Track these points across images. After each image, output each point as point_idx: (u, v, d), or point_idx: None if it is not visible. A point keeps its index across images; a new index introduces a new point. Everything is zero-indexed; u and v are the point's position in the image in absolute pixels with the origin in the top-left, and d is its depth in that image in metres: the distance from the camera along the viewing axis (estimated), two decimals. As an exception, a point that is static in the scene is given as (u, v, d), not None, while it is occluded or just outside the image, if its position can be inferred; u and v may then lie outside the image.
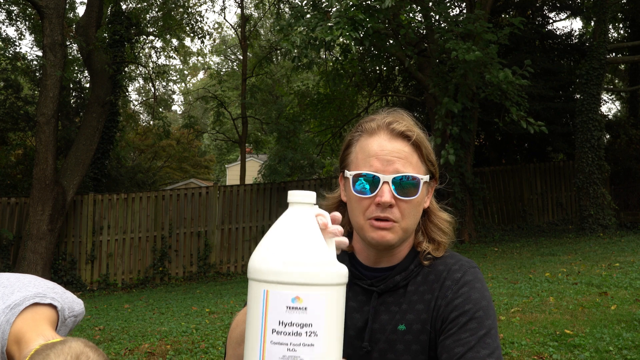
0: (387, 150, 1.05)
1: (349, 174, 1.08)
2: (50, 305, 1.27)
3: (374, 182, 1.04)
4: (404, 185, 1.04)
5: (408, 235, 1.09)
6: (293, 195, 0.87)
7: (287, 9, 14.67)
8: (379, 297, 1.11)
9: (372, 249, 1.11)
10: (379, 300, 1.11)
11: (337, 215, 0.90)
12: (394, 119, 1.09)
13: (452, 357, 0.99)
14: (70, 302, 1.37)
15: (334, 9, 8.37)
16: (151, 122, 19.11)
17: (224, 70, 25.37)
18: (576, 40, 15.42)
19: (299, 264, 0.81)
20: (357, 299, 1.12)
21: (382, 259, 1.12)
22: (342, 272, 0.83)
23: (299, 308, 0.78)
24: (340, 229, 0.88)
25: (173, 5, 15.35)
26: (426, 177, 1.07)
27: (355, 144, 1.12)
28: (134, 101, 24.54)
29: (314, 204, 0.87)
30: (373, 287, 1.11)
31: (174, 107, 35.17)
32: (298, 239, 0.83)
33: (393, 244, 1.06)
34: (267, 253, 0.84)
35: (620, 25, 16.63)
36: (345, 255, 1.17)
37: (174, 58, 29.45)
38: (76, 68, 15.20)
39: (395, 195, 1.03)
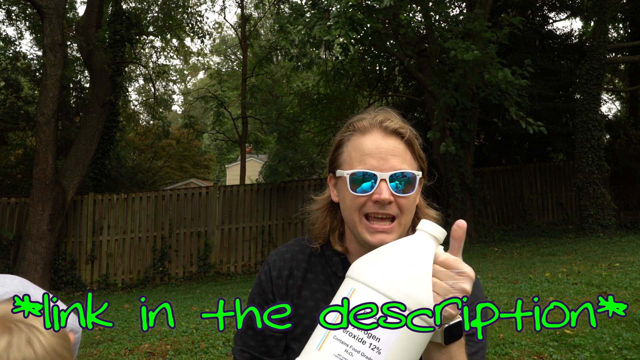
0: (382, 148, 1.06)
1: (345, 173, 1.07)
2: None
3: (371, 180, 1.04)
4: (402, 182, 1.04)
5: (405, 231, 1.09)
6: (425, 225, 0.87)
7: (287, 9, 14.66)
8: None
9: (366, 249, 1.10)
10: None
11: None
12: (385, 117, 1.10)
13: None
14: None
15: (333, 9, 8.36)
16: (151, 122, 19.11)
17: (224, 70, 25.37)
18: (576, 40, 15.41)
19: (396, 282, 0.79)
20: None
21: None
22: (429, 318, 0.80)
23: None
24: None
25: (173, 5, 15.35)
26: (420, 174, 1.08)
27: (347, 143, 1.12)
28: (134, 101, 24.55)
29: (441, 244, 0.87)
30: None
31: (174, 107, 35.19)
32: (409, 264, 0.82)
33: None
34: (373, 260, 0.84)
35: (620, 25, 16.64)
36: (338, 261, 1.16)
37: (174, 58, 29.47)
38: (76, 68, 15.21)
39: (393, 192, 1.03)
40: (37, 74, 14.41)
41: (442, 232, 0.87)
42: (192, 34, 15.90)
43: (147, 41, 16.32)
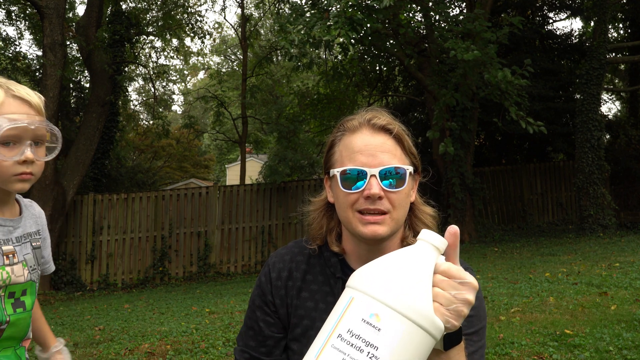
0: (371, 144, 1.07)
1: (336, 171, 1.09)
2: None
3: (361, 176, 1.05)
4: (391, 177, 1.05)
5: (399, 226, 1.09)
6: (426, 234, 0.86)
7: (287, 9, 14.66)
8: None
9: (362, 246, 1.12)
10: None
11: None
12: (374, 115, 1.11)
13: None
14: None
15: (333, 9, 8.36)
16: (151, 122, 19.10)
17: (224, 70, 25.36)
18: (576, 40, 15.42)
19: (395, 290, 0.78)
20: None
21: (373, 257, 1.12)
22: (436, 323, 0.79)
23: (374, 326, 0.77)
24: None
25: (173, 5, 15.35)
26: (411, 168, 1.09)
27: (338, 143, 1.13)
28: (134, 101, 24.54)
29: (442, 254, 0.86)
30: None
31: (174, 107, 35.15)
32: (409, 272, 0.81)
33: (385, 236, 1.06)
34: (372, 269, 0.83)
35: (620, 25, 16.63)
36: (337, 262, 1.17)
37: (174, 58, 29.48)
38: (76, 68, 15.20)
39: (383, 187, 1.04)
40: (37, 74, 14.41)
41: (442, 241, 0.86)
42: (192, 34, 15.90)
43: (147, 41, 16.33)
